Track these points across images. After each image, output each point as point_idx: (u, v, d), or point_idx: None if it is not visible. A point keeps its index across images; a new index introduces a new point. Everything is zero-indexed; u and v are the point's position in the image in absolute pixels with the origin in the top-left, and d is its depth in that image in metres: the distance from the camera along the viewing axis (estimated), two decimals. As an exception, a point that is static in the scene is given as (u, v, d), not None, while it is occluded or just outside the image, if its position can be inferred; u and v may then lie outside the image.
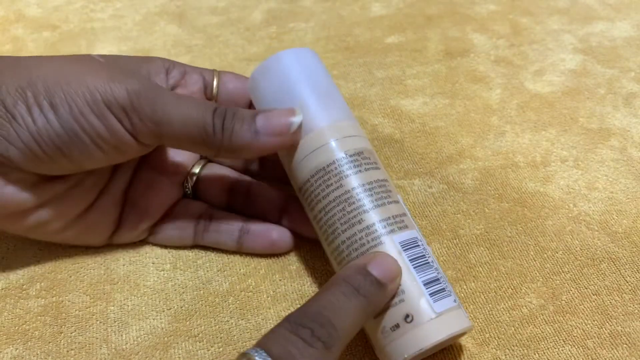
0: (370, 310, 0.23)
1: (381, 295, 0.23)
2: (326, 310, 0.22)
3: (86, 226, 0.28)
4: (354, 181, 0.26)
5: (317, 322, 0.21)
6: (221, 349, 0.27)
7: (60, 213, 0.27)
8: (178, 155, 0.31)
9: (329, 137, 0.27)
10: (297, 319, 0.22)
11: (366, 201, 0.26)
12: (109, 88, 0.23)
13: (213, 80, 0.30)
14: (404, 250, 0.25)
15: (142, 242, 0.31)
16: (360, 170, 0.26)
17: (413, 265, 0.25)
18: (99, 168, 0.27)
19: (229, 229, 0.30)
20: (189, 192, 0.31)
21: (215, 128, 0.24)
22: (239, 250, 0.30)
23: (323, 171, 0.26)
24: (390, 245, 0.25)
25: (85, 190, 0.28)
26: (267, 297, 0.29)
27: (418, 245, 0.26)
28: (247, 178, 0.32)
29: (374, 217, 0.25)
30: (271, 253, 0.30)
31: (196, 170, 0.31)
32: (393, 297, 0.24)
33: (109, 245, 0.31)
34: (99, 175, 0.28)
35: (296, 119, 0.25)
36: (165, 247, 0.31)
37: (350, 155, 0.27)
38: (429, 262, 0.25)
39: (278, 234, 0.30)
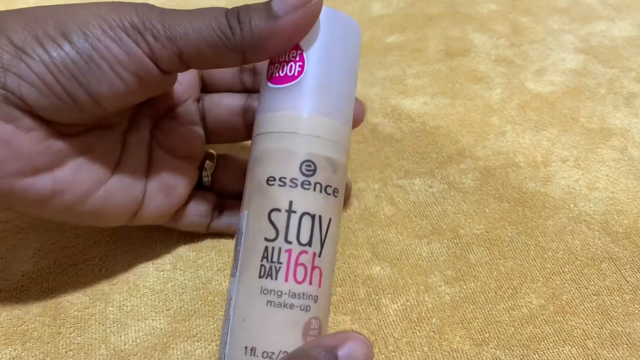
0: None
1: None
2: None
3: (108, 196, 0.27)
4: None
5: None
6: (218, 346, 0.27)
7: (79, 178, 0.25)
8: (190, 140, 0.30)
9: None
10: None
11: None
12: (120, 12, 0.23)
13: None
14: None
15: (141, 242, 0.31)
16: None
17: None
18: (113, 139, 0.27)
19: None
20: (207, 181, 0.31)
21: (232, 26, 0.23)
22: None
23: None
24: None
25: (101, 158, 0.26)
26: (267, 297, 0.29)
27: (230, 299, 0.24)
28: None
29: None
30: None
31: (211, 160, 0.32)
32: None
33: (108, 245, 0.31)
34: (112, 146, 0.27)
35: None
36: (185, 231, 0.31)
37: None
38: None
39: None
